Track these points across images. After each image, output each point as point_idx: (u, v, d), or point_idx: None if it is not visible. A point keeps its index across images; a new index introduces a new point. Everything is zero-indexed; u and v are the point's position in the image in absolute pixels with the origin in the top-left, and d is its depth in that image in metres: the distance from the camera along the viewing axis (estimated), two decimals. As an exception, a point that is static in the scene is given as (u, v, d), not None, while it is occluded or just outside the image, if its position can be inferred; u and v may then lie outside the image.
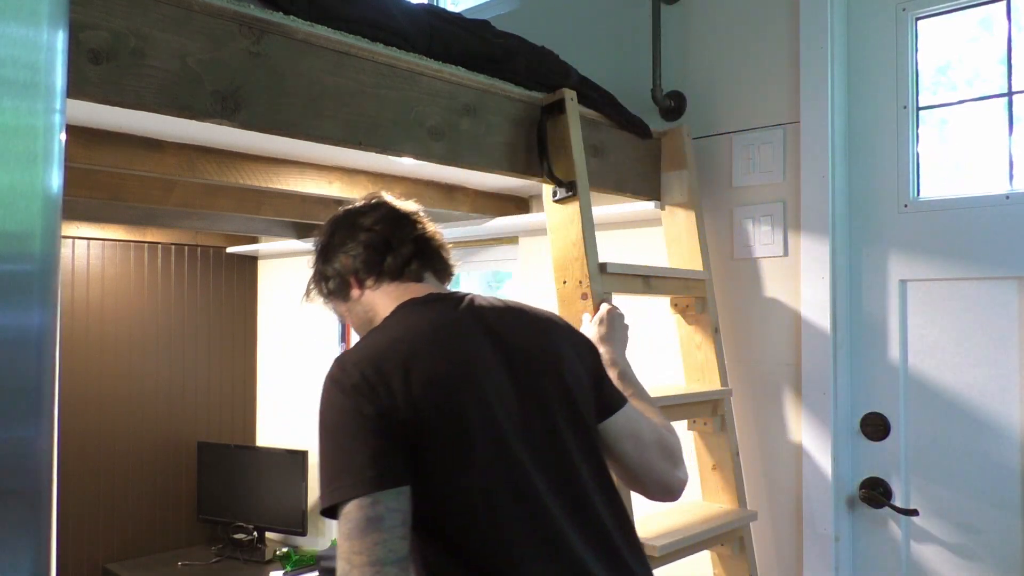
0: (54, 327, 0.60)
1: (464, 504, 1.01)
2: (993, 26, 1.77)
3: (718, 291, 2.04)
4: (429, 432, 1.00)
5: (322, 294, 1.29)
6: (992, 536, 1.70)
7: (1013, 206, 1.69)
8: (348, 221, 1.26)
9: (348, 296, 1.25)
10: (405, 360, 1.03)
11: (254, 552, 3.25)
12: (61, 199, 0.61)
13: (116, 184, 2.11)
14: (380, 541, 0.94)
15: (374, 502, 0.95)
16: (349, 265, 1.23)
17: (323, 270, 1.27)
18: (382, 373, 1.01)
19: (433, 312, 1.14)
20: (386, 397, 1.00)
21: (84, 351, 3.15)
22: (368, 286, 1.23)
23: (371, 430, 0.98)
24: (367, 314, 1.23)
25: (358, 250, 1.22)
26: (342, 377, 1.03)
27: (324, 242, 1.28)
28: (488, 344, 1.12)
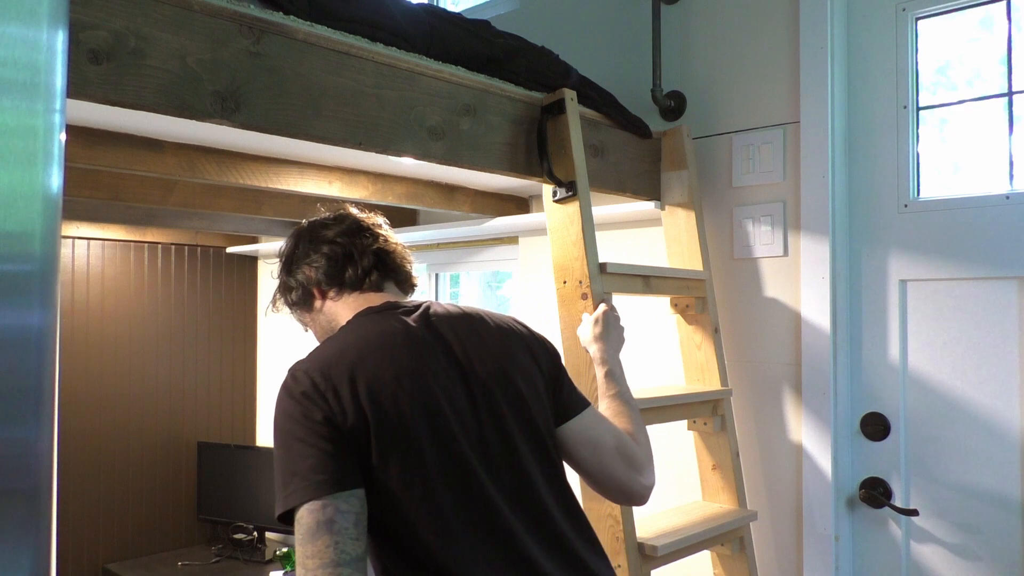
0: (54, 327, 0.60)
1: (416, 511, 1.02)
2: (993, 26, 1.77)
3: (718, 291, 2.04)
4: (377, 439, 1.01)
5: (287, 304, 1.33)
6: (992, 536, 1.70)
7: (1013, 206, 1.69)
8: (311, 233, 1.29)
9: (311, 306, 1.28)
10: (352, 367, 1.04)
11: (254, 552, 3.25)
12: (61, 199, 0.61)
13: (116, 184, 2.11)
14: (331, 544, 0.95)
15: (324, 505, 0.96)
16: (312, 276, 1.26)
17: (287, 281, 1.30)
18: (330, 380, 1.03)
19: (385, 321, 1.16)
20: (334, 403, 1.01)
21: (84, 351, 3.15)
22: (330, 297, 1.26)
23: (320, 435, 1.00)
24: (329, 323, 1.26)
25: (320, 262, 1.25)
26: (292, 385, 1.04)
27: (288, 254, 1.31)
28: (440, 352, 1.13)
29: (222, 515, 3.36)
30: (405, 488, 1.02)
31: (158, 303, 3.39)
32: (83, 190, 2.03)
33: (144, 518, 3.32)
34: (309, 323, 1.32)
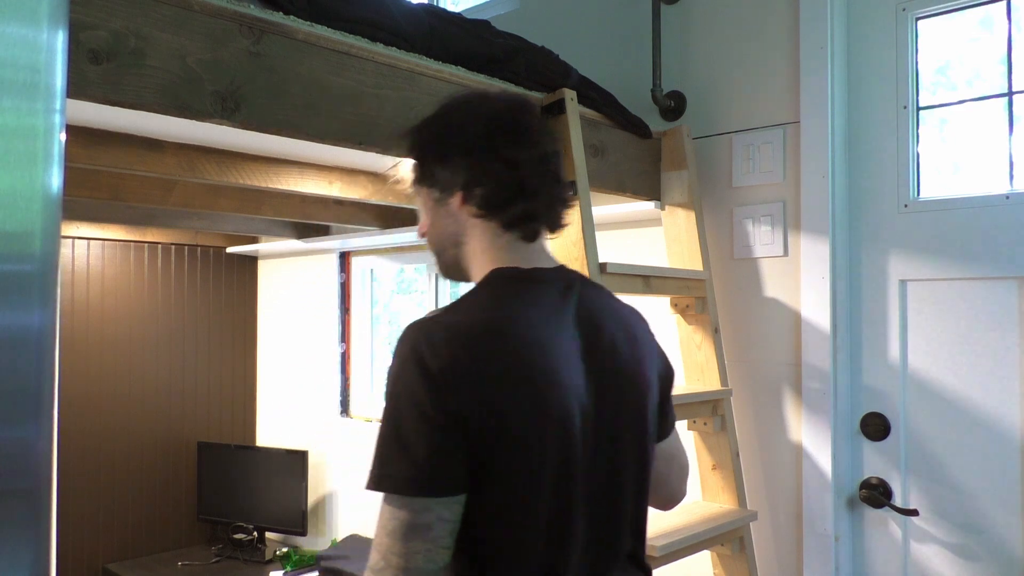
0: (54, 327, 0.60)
1: (505, 532, 0.93)
2: (993, 26, 1.77)
3: (718, 291, 2.04)
4: (502, 447, 0.90)
5: (417, 179, 1.10)
6: (992, 536, 1.70)
7: (1013, 206, 1.69)
8: (489, 135, 1.03)
9: (446, 203, 1.06)
10: (497, 356, 0.91)
11: (254, 552, 3.25)
12: (61, 199, 0.61)
13: (116, 184, 2.11)
14: (423, 550, 0.87)
15: (425, 508, 0.88)
16: (463, 181, 1.04)
17: (433, 158, 1.07)
18: (472, 366, 0.90)
19: (536, 299, 1.00)
20: (468, 395, 0.89)
21: (84, 351, 3.15)
22: (472, 213, 1.05)
23: (442, 427, 0.88)
24: (454, 235, 1.07)
25: (488, 181, 1.03)
26: (427, 356, 0.89)
27: (427, 130, 1.08)
28: (582, 352, 1.01)
29: (222, 515, 3.36)
30: (505, 507, 0.93)
31: (158, 303, 3.39)
32: (83, 190, 2.03)
33: (144, 518, 3.32)
34: (429, 211, 1.10)
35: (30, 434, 0.58)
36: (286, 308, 3.56)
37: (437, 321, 0.94)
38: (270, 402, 3.65)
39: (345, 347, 3.30)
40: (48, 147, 0.60)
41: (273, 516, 3.25)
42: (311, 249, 3.29)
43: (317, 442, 3.34)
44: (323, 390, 3.34)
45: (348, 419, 3.26)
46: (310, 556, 3.15)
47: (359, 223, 2.72)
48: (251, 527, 3.30)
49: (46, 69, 0.60)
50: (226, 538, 3.33)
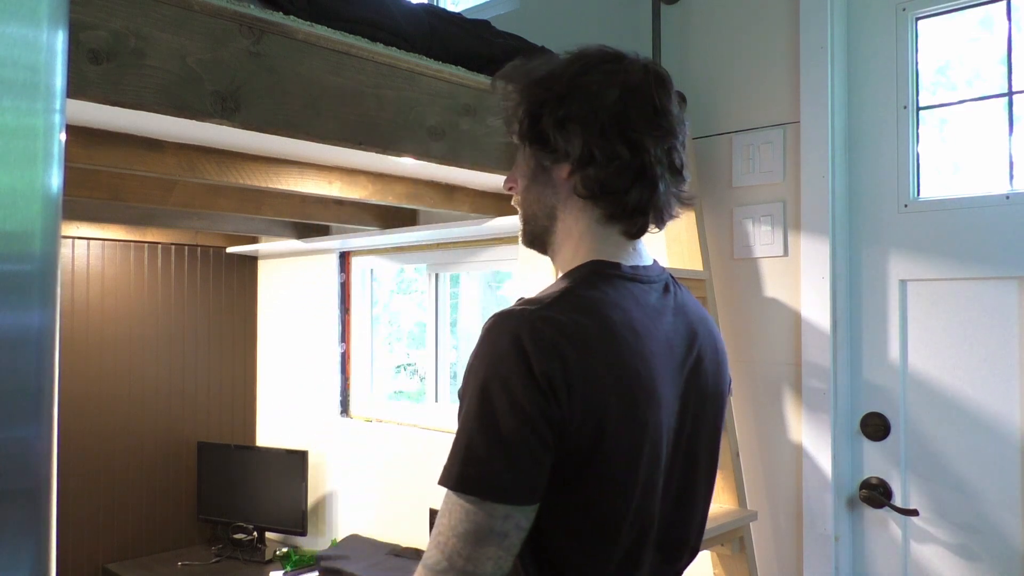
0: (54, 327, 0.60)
1: (583, 541, 0.89)
2: (993, 26, 1.77)
3: (718, 291, 2.04)
4: (597, 459, 0.85)
5: (522, 135, 0.98)
6: (992, 536, 1.70)
7: (1013, 206, 1.69)
8: (577, 88, 0.93)
9: (549, 168, 0.96)
10: (604, 362, 0.85)
11: (254, 552, 3.25)
12: (61, 199, 0.61)
13: (116, 184, 2.11)
14: (494, 557, 0.82)
15: (507, 516, 0.82)
16: (578, 154, 0.92)
17: (549, 119, 0.94)
18: (579, 372, 0.83)
19: (640, 302, 0.93)
20: (572, 402, 0.82)
21: (84, 351, 3.15)
22: (579, 192, 0.94)
23: (540, 434, 0.81)
24: (551, 208, 0.98)
25: (605, 163, 0.92)
26: (533, 354, 0.81)
27: (544, 89, 0.95)
28: (680, 358, 0.95)
29: (222, 515, 3.36)
30: (587, 520, 0.88)
31: (158, 303, 3.39)
32: (83, 190, 2.03)
33: (144, 518, 3.32)
34: (525, 178, 1.00)
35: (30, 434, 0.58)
36: (286, 308, 3.56)
37: (542, 316, 0.84)
38: (270, 402, 3.65)
39: (345, 347, 3.30)
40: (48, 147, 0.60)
41: (273, 516, 3.25)
42: (311, 249, 3.29)
43: (317, 442, 3.34)
44: (323, 390, 3.34)
45: (348, 419, 3.26)
46: (310, 556, 3.15)
47: (359, 223, 2.72)
48: (251, 527, 3.30)
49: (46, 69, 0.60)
50: (226, 538, 3.33)
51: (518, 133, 0.99)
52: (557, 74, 0.95)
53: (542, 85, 0.96)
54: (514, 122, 0.99)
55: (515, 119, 0.98)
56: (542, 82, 0.96)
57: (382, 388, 3.38)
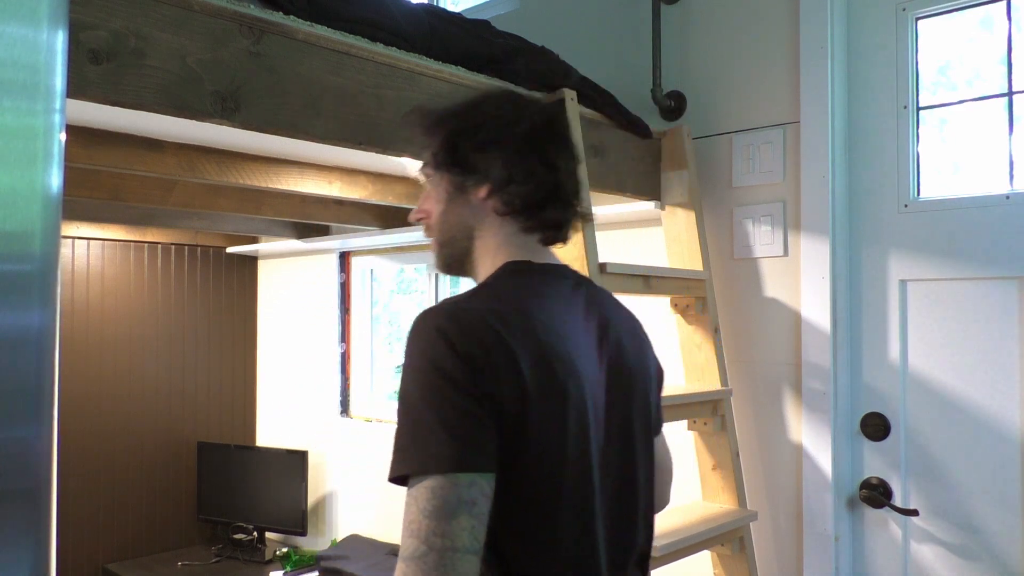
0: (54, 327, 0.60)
1: (528, 516, 0.92)
2: (993, 26, 1.77)
3: (718, 291, 2.04)
4: (528, 431, 0.90)
5: (438, 163, 1.06)
6: (992, 536, 1.70)
7: (1013, 206, 1.69)
8: (492, 119, 1.04)
9: (465, 192, 1.04)
10: (523, 346, 0.90)
11: (254, 552, 3.25)
12: (61, 199, 0.61)
13: (116, 184, 2.11)
14: (469, 527, 0.83)
15: (471, 483, 0.84)
16: (483, 168, 1.02)
17: (450, 146, 1.05)
18: (500, 348, 0.88)
19: (552, 289, 1.02)
20: (497, 376, 0.88)
21: (84, 351, 3.15)
22: (498, 210, 1.03)
23: (478, 405, 0.86)
24: (470, 228, 1.06)
25: (499, 158, 1.02)
26: (456, 335, 0.88)
27: (459, 121, 1.06)
28: (597, 340, 1.02)
29: (222, 515, 3.36)
30: (535, 486, 0.92)
31: (158, 303, 3.39)
32: (83, 190, 2.03)
33: (144, 518, 3.32)
34: (443, 201, 1.07)
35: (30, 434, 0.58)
36: (286, 308, 3.56)
37: (459, 306, 0.91)
38: (270, 402, 3.65)
39: (345, 347, 3.30)
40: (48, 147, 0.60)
41: (273, 516, 3.25)
42: (311, 249, 3.29)
43: (317, 442, 3.34)
44: (323, 390, 3.34)
45: (348, 419, 3.26)
46: (310, 556, 3.15)
47: (359, 223, 2.72)
48: (251, 527, 3.30)
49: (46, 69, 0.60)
50: (226, 538, 3.33)
51: (433, 163, 1.07)
52: (470, 108, 1.07)
53: (457, 118, 1.06)
54: (426, 155, 1.08)
55: (428, 152, 1.07)
56: (456, 115, 1.07)
57: (382, 388, 3.38)
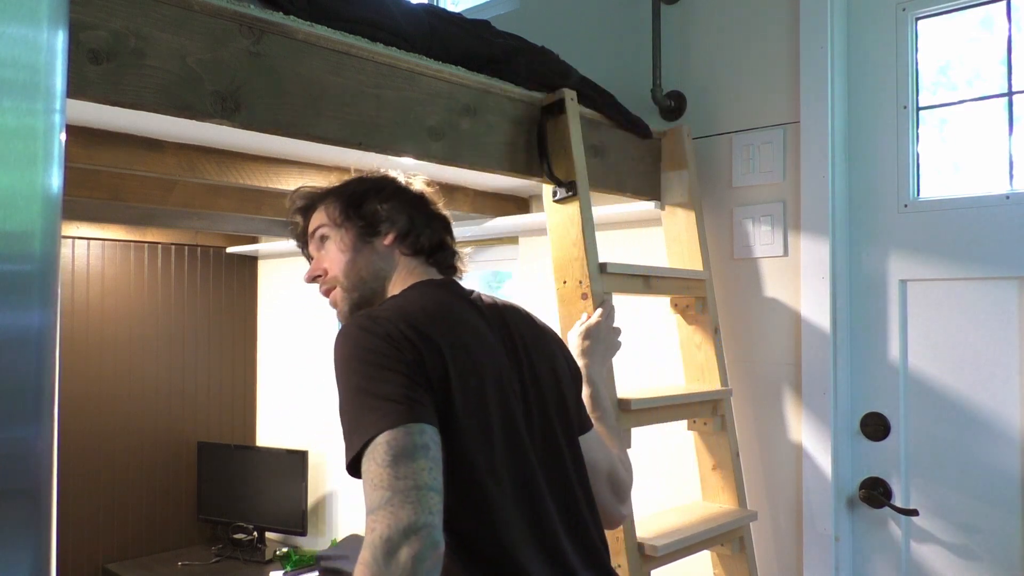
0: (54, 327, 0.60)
1: (474, 489, 0.98)
2: (993, 26, 1.77)
3: (718, 291, 2.04)
4: (453, 403, 0.98)
5: (337, 219, 1.23)
6: (992, 536, 1.70)
7: (1013, 206, 1.69)
8: (398, 185, 1.27)
9: (370, 242, 1.21)
10: (434, 325, 1.02)
11: (254, 552, 3.25)
12: (61, 199, 0.61)
13: (116, 184, 2.11)
14: (426, 468, 0.88)
15: (422, 430, 0.90)
16: (388, 218, 1.21)
17: (354, 203, 1.22)
18: (415, 329, 0.99)
19: (452, 294, 1.16)
20: (420, 349, 0.97)
21: (84, 351, 3.15)
22: (400, 250, 1.21)
23: (410, 369, 0.95)
24: (374, 272, 1.21)
25: (403, 212, 1.22)
26: (374, 327, 0.99)
27: (374, 182, 1.26)
28: (500, 334, 1.13)
29: (222, 515, 3.36)
30: (474, 455, 0.99)
31: (158, 303, 3.39)
32: (83, 190, 2.03)
33: (144, 518, 3.32)
34: (348, 251, 1.21)
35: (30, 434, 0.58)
36: (286, 308, 3.56)
37: (370, 315, 1.03)
38: (270, 402, 3.65)
39: (345, 347, 3.30)
40: (48, 147, 0.60)
41: (273, 516, 3.25)
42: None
43: (317, 442, 3.34)
44: (323, 390, 3.34)
45: (348, 419, 3.26)
46: (310, 556, 3.15)
47: (359, 223, 2.71)
48: (251, 527, 3.30)
49: (46, 69, 0.60)
50: (226, 538, 3.33)
51: (335, 220, 1.22)
52: (360, 179, 1.28)
53: (354, 185, 1.26)
54: (323, 219, 1.24)
55: (327, 216, 1.23)
56: (353, 183, 1.27)
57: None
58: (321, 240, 1.25)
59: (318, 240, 1.25)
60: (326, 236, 1.24)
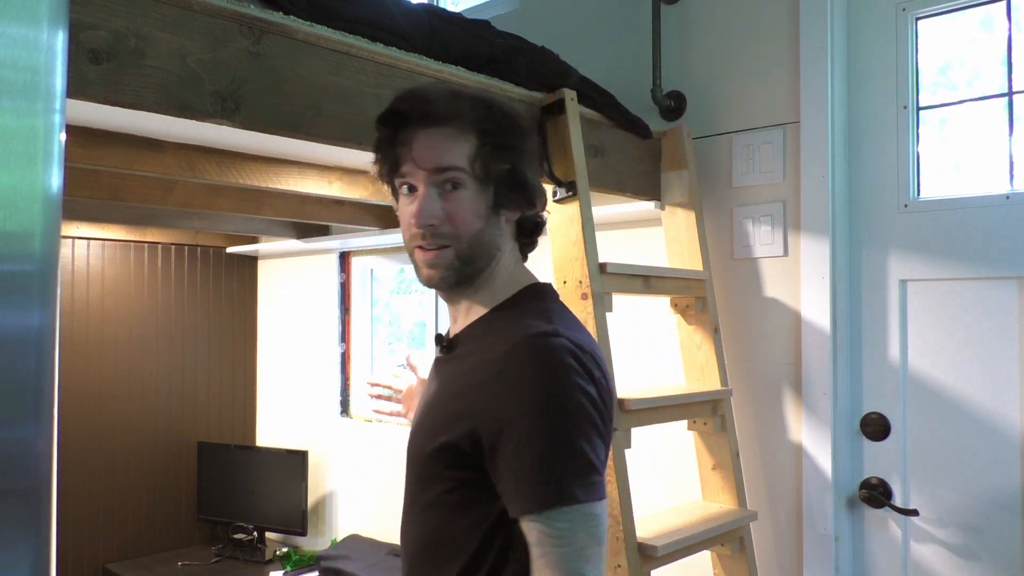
0: (54, 327, 0.60)
1: None
2: (993, 26, 1.77)
3: (718, 291, 2.04)
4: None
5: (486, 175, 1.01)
6: (992, 536, 1.70)
7: (1013, 206, 1.69)
8: (533, 140, 1.12)
9: (500, 212, 1.05)
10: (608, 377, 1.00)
11: (254, 552, 3.25)
12: (61, 199, 0.61)
13: (116, 184, 2.11)
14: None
15: (605, 505, 0.93)
16: (541, 194, 1.08)
17: (530, 174, 1.06)
18: (606, 381, 0.97)
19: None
20: (610, 406, 0.97)
21: (84, 351, 3.15)
22: (514, 236, 1.09)
23: (605, 432, 0.94)
24: (496, 249, 1.05)
25: (540, 215, 1.10)
26: (582, 367, 0.93)
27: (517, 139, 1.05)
28: None
29: (222, 515, 3.36)
30: None
31: (158, 303, 3.39)
32: (83, 190, 2.03)
33: (144, 518, 3.32)
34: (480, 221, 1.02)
35: (30, 434, 0.58)
36: (286, 308, 3.56)
37: (573, 340, 0.95)
38: (270, 402, 3.65)
39: (345, 347, 3.30)
40: (48, 147, 0.60)
41: (273, 516, 3.25)
42: (311, 249, 3.29)
43: (317, 442, 3.34)
44: (323, 390, 3.34)
45: (348, 419, 3.26)
46: (310, 556, 3.15)
47: (359, 223, 2.72)
48: (251, 527, 3.30)
49: (46, 69, 0.60)
50: (226, 538, 3.33)
51: (478, 178, 1.01)
52: (517, 128, 1.06)
53: (512, 136, 1.04)
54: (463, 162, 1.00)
55: (470, 160, 1.01)
56: (509, 130, 1.04)
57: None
58: (452, 186, 1.01)
59: (442, 180, 1.01)
60: (460, 185, 1.01)
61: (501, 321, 1.03)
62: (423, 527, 1.03)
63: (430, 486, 1.01)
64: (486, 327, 1.05)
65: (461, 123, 1.01)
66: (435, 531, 1.01)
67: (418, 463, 1.04)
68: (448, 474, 0.98)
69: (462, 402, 0.98)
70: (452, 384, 1.03)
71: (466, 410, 0.96)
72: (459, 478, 0.98)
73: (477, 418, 0.94)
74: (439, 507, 1.00)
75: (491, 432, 0.92)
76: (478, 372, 0.97)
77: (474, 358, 1.01)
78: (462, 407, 0.97)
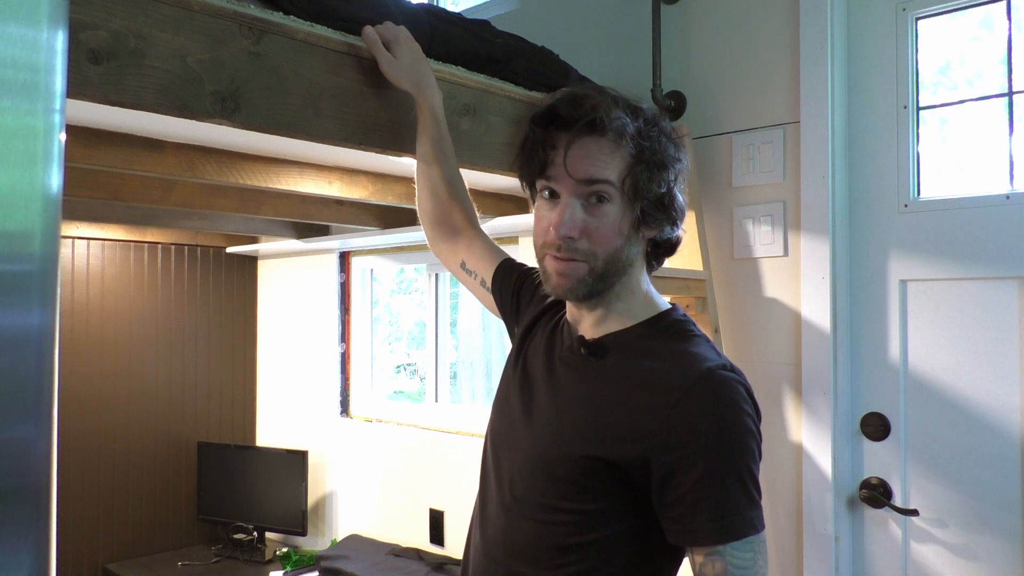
0: (54, 327, 0.60)
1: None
2: (993, 26, 1.77)
3: (718, 291, 2.04)
4: None
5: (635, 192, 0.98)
6: (992, 536, 1.70)
7: (1013, 206, 1.69)
8: (685, 159, 1.06)
9: (640, 230, 1.02)
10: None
11: (254, 552, 3.25)
12: (61, 199, 0.61)
13: (116, 184, 2.11)
14: None
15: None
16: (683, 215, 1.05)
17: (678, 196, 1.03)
18: (756, 405, 1.00)
19: None
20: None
21: (84, 351, 3.15)
22: (646, 253, 1.06)
23: (759, 460, 0.99)
24: (627, 265, 1.03)
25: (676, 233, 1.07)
26: (750, 400, 0.98)
27: (671, 159, 1.02)
28: None
29: (222, 515, 3.36)
30: None
31: (158, 303, 3.39)
32: (83, 190, 2.03)
33: (144, 518, 3.32)
34: (619, 239, 0.99)
35: (30, 434, 0.58)
36: (286, 308, 3.56)
37: (740, 374, 0.98)
38: (270, 402, 3.65)
39: (345, 347, 3.30)
40: (48, 147, 0.60)
41: (273, 516, 3.25)
42: (311, 249, 3.29)
43: (317, 442, 3.34)
44: (323, 390, 3.34)
45: (348, 419, 3.26)
46: (310, 556, 3.15)
47: (359, 223, 2.72)
48: (251, 527, 3.29)
49: (46, 69, 0.60)
50: (226, 538, 3.33)
51: (626, 194, 0.99)
52: (671, 143, 1.04)
53: (667, 155, 1.01)
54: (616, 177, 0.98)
55: (621, 178, 0.98)
56: (663, 149, 1.01)
57: (382, 388, 3.38)
58: (597, 199, 0.98)
59: (589, 192, 0.98)
60: (606, 199, 0.98)
61: (657, 342, 1.02)
62: (544, 527, 1.01)
63: (564, 489, 1.00)
64: (639, 345, 1.03)
65: (618, 135, 0.97)
66: (566, 534, 1.00)
67: (548, 463, 1.01)
68: (592, 484, 0.98)
69: (630, 421, 0.96)
70: (607, 395, 1.00)
71: (636, 432, 0.95)
72: (605, 491, 0.98)
73: (649, 444, 0.93)
74: (571, 512, 0.99)
75: (666, 461, 0.93)
76: (647, 394, 0.96)
77: (636, 376, 0.99)
78: (630, 427, 0.95)
